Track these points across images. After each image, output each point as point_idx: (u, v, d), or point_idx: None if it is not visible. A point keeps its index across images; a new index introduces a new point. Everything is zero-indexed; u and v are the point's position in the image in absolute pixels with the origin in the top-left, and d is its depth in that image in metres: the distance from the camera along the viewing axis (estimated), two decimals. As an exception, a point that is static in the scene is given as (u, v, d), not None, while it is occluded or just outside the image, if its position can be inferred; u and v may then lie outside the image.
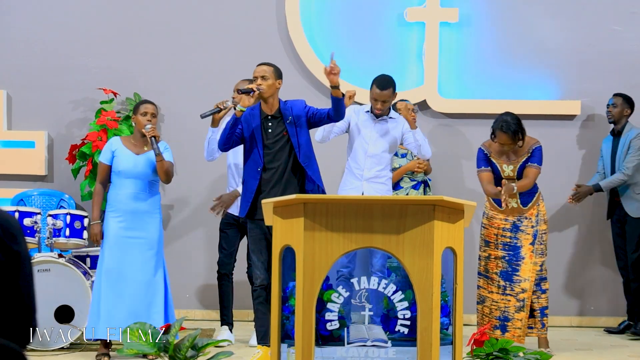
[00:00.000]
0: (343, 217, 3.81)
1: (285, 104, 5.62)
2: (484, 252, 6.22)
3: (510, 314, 6.10)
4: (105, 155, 5.84)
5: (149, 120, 5.79)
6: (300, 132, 5.54)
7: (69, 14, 7.59)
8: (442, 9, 7.47)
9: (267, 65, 5.60)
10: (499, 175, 6.18)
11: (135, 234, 5.74)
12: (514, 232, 6.13)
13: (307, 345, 3.75)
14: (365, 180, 6.12)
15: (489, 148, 6.23)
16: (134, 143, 5.87)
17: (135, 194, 5.77)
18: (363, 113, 6.26)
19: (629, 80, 7.45)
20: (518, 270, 6.09)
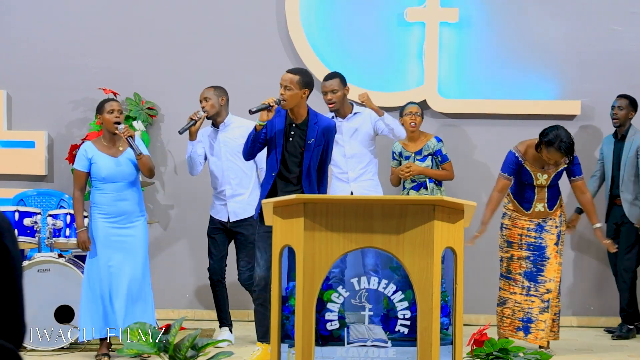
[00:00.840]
0: (343, 217, 3.81)
1: (314, 120, 5.44)
2: (506, 253, 6.14)
3: (534, 316, 6.03)
4: (82, 163, 5.77)
5: (117, 117, 5.71)
6: (313, 155, 5.40)
7: (69, 14, 7.58)
8: (442, 9, 7.47)
9: (292, 74, 5.38)
10: (532, 182, 6.09)
11: (125, 233, 5.74)
12: (539, 232, 6.08)
13: (307, 345, 3.75)
14: (352, 181, 6.08)
15: (523, 155, 6.08)
16: (108, 145, 5.79)
17: (121, 195, 5.74)
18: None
19: (629, 80, 7.45)
20: (543, 271, 6.03)
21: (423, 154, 6.78)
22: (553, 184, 6.13)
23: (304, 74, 5.44)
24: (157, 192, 7.64)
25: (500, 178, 6.16)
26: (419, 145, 6.78)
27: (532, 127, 7.01)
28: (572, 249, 7.57)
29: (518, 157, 6.09)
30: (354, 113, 6.19)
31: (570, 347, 6.47)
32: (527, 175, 6.10)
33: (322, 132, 5.41)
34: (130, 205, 5.76)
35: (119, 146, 5.77)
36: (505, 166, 6.13)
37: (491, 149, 7.37)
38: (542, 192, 6.13)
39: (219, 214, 6.42)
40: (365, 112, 6.20)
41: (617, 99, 7.02)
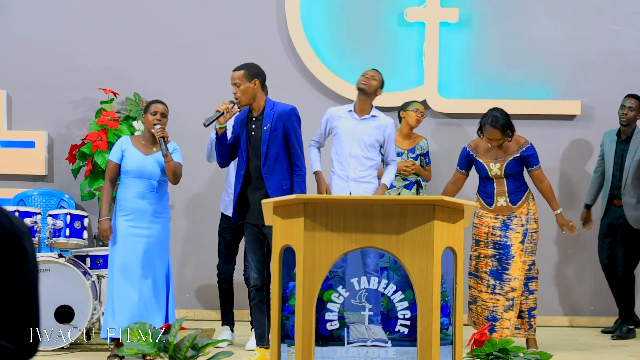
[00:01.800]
0: (343, 217, 3.81)
1: (270, 107, 5.45)
2: (474, 252, 6.22)
3: (498, 314, 6.06)
4: (115, 154, 5.84)
5: (159, 120, 5.77)
6: (272, 142, 5.37)
7: (69, 14, 7.59)
8: (442, 9, 7.48)
9: (237, 71, 5.46)
10: (487, 174, 6.19)
11: (143, 233, 5.74)
12: (504, 230, 6.12)
13: (307, 345, 3.75)
14: (352, 180, 6.06)
15: (474, 148, 6.26)
16: (144, 143, 5.86)
17: (143, 193, 5.76)
18: (345, 113, 6.10)
19: (629, 80, 7.45)
20: (508, 269, 6.06)
21: (416, 152, 6.83)
22: (510, 174, 6.15)
23: (249, 66, 5.48)
24: (157, 192, 7.64)
25: (455, 171, 6.38)
26: (411, 143, 6.86)
27: (532, 127, 7.02)
28: (572, 249, 7.58)
29: (469, 151, 6.27)
30: (371, 115, 6.10)
31: (570, 347, 6.47)
32: (481, 168, 6.23)
33: (278, 117, 5.39)
34: (150, 205, 5.76)
35: (154, 147, 5.82)
36: (458, 161, 6.36)
37: (491, 149, 7.37)
38: (501, 184, 6.17)
39: (228, 209, 6.34)
40: (382, 118, 6.12)
41: (628, 98, 6.92)
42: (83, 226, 6.28)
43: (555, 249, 7.53)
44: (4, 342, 1.88)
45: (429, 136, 7.33)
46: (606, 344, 6.69)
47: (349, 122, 6.05)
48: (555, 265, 7.57)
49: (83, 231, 6.27)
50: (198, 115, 7.21)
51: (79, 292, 5.99)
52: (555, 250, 7.54)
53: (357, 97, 6.12)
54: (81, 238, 6.26)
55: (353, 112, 6.06)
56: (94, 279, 6.24)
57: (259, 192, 5.36)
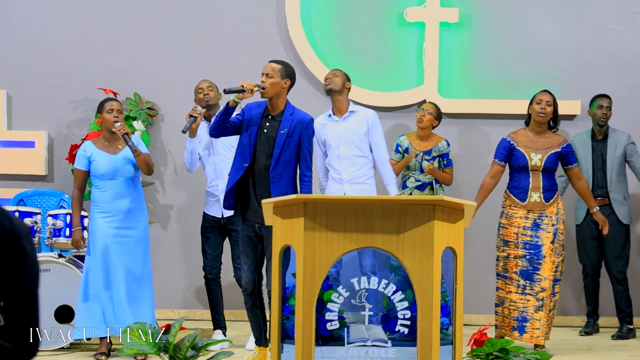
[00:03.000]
0: (343, 217, 3.80)
1: (291, 112, 5.37)
2: (503, 252, 6.15)
3: (529, 314, 6.03)
4: (81, 162, 5.81)
5: (116, 117, 5.73)
6: (286, 147, 5.31)
7: (69, 14, 7.59)
8: (442, 9, 7.47)
9: (275, 63, 5.37)
10: (526, 164, 6.14)
11: (124, 233, 5.74)
12: (535, 230, 6.09)
13: (307, 345, 3.75)
14: (346, 182, 6.05)
15: (515, 139, 6.22)
16: (107, 144, 5.83)
17: (120, 193, 5.76)
18: (326, 119, 6.14)
19: (629, 80, 7.45)
20: (539, 269, 6.04)
21: (432, 154, 6.80)
22: (548, 168, 6.15)
23: (287, 66, 5.41)
24: (157, 192, 7.64)
25: (493, 164, 6.28)
26: (428, 145, 6.82)
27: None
28: (571, 249, 7.57)
29: (509, 141, 6.22)
30: (349, 112, 6.14)
31: (570, 347, 6.47)
32: (520, 158, 6.16)
33: (296, 124, 5.32)
34: (129, 203, 5.77)
35: (118, 144, 5.80)
36: (497, 152, 6.26)
37: (491, 149, 7.36)
38: (537, 178, 6.15)
39: (212, 210, 6.38)
40: (360, 112, 6.16)
41: (602, 98, 6.97)
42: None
43: (555, 249, 7.53)
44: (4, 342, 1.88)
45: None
46: (606, 344, 6.69)
47: (331, 126, 6.12)
48: (555, 265, 7.57)
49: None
50: (198, 115, 7.22)
51: (79, 292, 5.99)
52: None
53: (331, 100, 6.19)
54: (81, 238, 6.26)
55: (332, 115, 6.12)
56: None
57: (263, 191, 5.29)
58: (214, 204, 6.37)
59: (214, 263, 6.43)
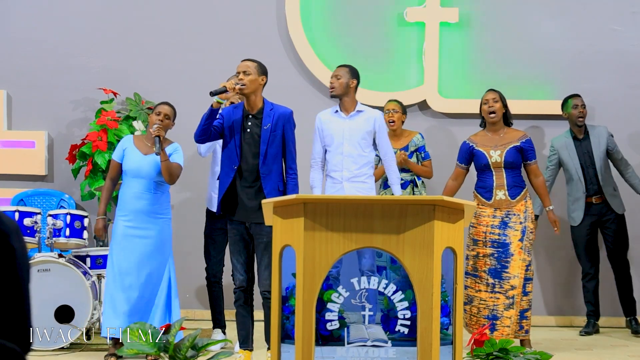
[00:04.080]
0: (343, 217, 3.80)
1: (270, 107, 5.47)
2: (472, 251, 6.21)
3: (499, 312, 6.06)
4: (117, 153, 5.88)
5: (160, 120, 5.79)
6: (271, 142, 5.41)
7: (68, 14, 7.59)
8: (442, 9, 7.48)
9: (250, 61, 5.48)
10: (487, 162, 6.22)
11: (140, 233, 5.75)
12: (503, 228, 6.13)
13: (307, 345, 3.75)
14: (346, 180, 6.05)
15: (474, 140, 6.32)
16: (145, 143, 5.89)
17: (139, 193, 5.77)
18: (331, 115, 6.10)
19: (629, 80, 7.45)
20: (507, 267, 6.07)
21: (409, 150, 6.80)
22: (509, 163, 6.17)
23: (261, 63, 5.53)
24: (157, 192, 7.64)
25: (455, 167, 6.41)
26: (404, 142, 6.81)
27: (532, 127, 7.01)
28: (571, 249, 7.57)
29: (468, 144, 6.34)
30: (357, 111, 6.10)
31: (570, 347, 6.47)
32: (481, 157, 6.25)
33: (278, 118, 5.44)
34: (148, 205, 5.76)
35: (154, 147, 5.81)
36: (459, 155, 6.40)
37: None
38: (500, 176, 6.19)
39: (214, 206, 6.25)
40: (368, 112, 6.14)
41: (575, 98, 7.02)
42: (83, 226, 6.28)
43: (554, 250, 7.52)
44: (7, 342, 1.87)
45: (428, 136, 7.33)
46: (606, 344, 6.69)
47: (337, 122, 6.06)
48: (554, 265, 7.57)
49: (83, 231, 6.27)
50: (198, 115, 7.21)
51: (79, 292, 5.99)
52: (555, 251, 7.53)
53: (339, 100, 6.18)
54: (81, 238, 6.27)
55: (339, 112, 6.07)
56: (94, 279, 6.24)
57: (251, 190, 5.37)
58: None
59: (218, 266, 6.41)
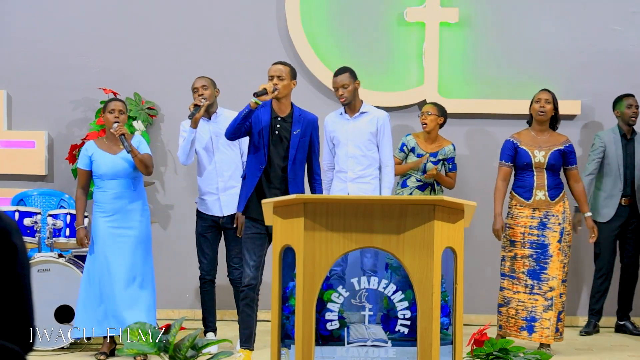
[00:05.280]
0: (343, 217, 3.80)
1: (299, 113, 5.55)
2: (509, 252, 6.14)
3: (537, 314, 6.02)
4: (83, 161, 5.85)
5: (117, 117, 5.76)
6: (300, 147, 5.50)
7: (68, 14, 7.59)
8: (442, 9, 7.48)
9: (283, 65, 5.52)
10: (530, 161, 6.17)
11: (124, 232, 5.76)
12: (541, 229, 6.09)
13: (307, 345, 3.75)
14: (350, 181, 6.06)
15: (518, 138, 6.26)
16: (108, 144, 5.87)
17: (120, 192, 5.78)
18: (337, 116, 6.17)
19: (629, 80, 7.45)
20: (546, 269, 6.03)
21: (438, 157, 6.76)
22: (552, 165, 6.15)
23: (292, 67, 5.60)
24: (157, 192, 7.64)
25: (500, 167, 6.30)
26: (435, 147, 6.75)
27: (532, 127, 6.99)
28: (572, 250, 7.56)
29: (513, 141, 6.26)
30: (361, 112, 6.14)
31: (570, 347, 6.47)
32: (524, 155, 6.19)
33: (307, 125, 5.52)
34: (129, 203, 5.78)
35: (120, 145, 5.81)
36: (503, 154, 6.30)
37: (491, 149, 7.37)
38: (541, 177, 6.16)
39: (211, 210, 6.26)
40: (372, 112, 6.16)
41: (629, 98, 6.99)
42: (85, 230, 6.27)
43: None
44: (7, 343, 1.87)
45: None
46: (606, 344, 6.69)
47: (342, 124, 6.15)
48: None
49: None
50: (198, 115, 7.21)
51: (79, 292, 5.98)
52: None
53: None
54: (81, 238, 6.26)
55: (344, 113, 6.14)
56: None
57: (278, 192, 5.43)
58: (214, 202, 6.25)
59: (212, 264, 6.37)
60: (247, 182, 5.53)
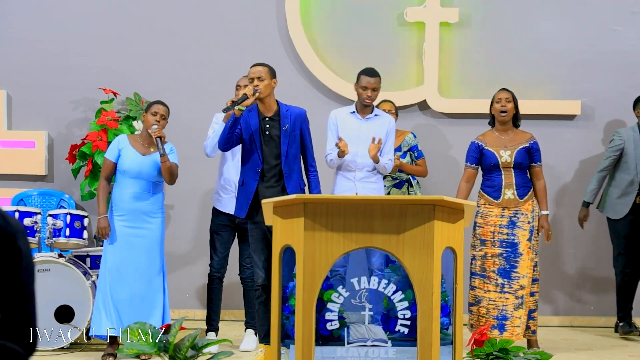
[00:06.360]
0: (343, 217, 3.81)
1: (286, 109, 5.62)
2: (480, 251, 6.17)
3: (508, 312, 6.04)
4: (112, 153, 5.85)
5: (157, 121, 5.80)
6: (291, 142, 5.57)
7: (69, 14, 7.59)
8: (442, 9, 7.48)
9: (261, 66, 5.60)
10: (496, 162, 6.18)
11: (138, 233, 5.76)
12: (511, 228, 6.11)
13: (307, 345, 3.75)
14: (358, 180, 6.07)
15: (483, 139, 6.27)
16: (141, 143, 5.88)
17: (139, 193, 5.78)
18: (348, 114, 6.14)
19: (629, 80, 7.45)
20: (516, 267, 6.05)
21: (402, 150, 6.77)
22: (519, 164, 6.15)
23: (270, 66, 5.65)
24: (157, 192, 7.63)
25: (465, 168, 6.32)
26: (397, 142, 6.75)
27: (532, 127, 7.00)
28: (572, 249, 7.57)
29: (478, 143, 6.27)
30: (374, 114, 6.17)
31: (570, 347, 6.47)
32: (490, 156, 6.20)
33: (295, 119, 5.60)
34: (148, 205, 5.78)
35: (151, 147, 5.83)
36: (468, 156, 6.31)
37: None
38: (509, 175, 6.17)
39: (227, 207, 6.25)
40: (383, 115, 6.18)
41: None
42: (83, 226, 6.28)
43: (555, 249, 7.52)
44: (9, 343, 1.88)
45: (428, 135, 7.33)
46: (606, 344, 6.69)
47: (353, 122, 6.13)
48: (555, 265, 7.57)
49: (83, 231, 6.27)
50: (198, 115, 7.21)
51: (79, 292, 5.99)
52: (555, 251, 7.54)
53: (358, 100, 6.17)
54: (81, 238, 6.27)
55: (356, 113, 6.13)
56: (94, 279, 6.24)
57: (273, 190, 5.50)
58: (229, 200, 6.22)
59: (223, 262, 6.36)
60: (245, 187, 5.58)
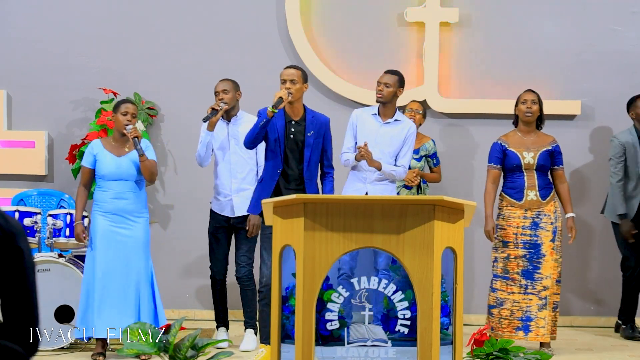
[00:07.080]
0: (343, 217, 3.81)
1: (312, 115, 5.69)
2: (502, 253, 6.13)
3: (532, 314, 6.02)
4: (88, 159, 5.85)
5: (129, 121, 5.77)
6: (314, 149, 5.66)
7: (68, 14, 7.59)
8: (442, 9, 7.47)
9: (295, 69, 5.67)
10: (519, 163, 6.17)
11: (123, 233, 5.75)
12: (534, 229, 6.09)
13: (307, 345, 3.75)
14: (370, 182, 6.06)
15: (506, 140, 6.26)
16: (115, 145, 5.86)
17: (121, 194, 5.78)
18: (369, 116, 6.11)
19: (629, 80, 7.45)
20: (539, 268, 6.03)
21: (420, 154, 6.78)
22: (541, 166, 6.15)
23: (303, 70, 5.74)
24: (157, 192, 7.64)
25: (489, 170, 6.29)
26: (416, 145, 6.74)
27: (532, 127, 7.00)
28: (572, 249, 7.57)
29: (501, 144, 6.26)
30: (395, 120, 6.10)
31: (570, 347, 6.47)
32: (513, 157, 6.19)
33: (320, 127, 5.67)
34: (130, 204, 5.78)
35: (126, 147, 5.82)
36: (491, 157, 6.29)
37: (491, 149, 7.36)
38: (531, 176, 6.16)
39: (223, 210, 6.31)
40: (404, 121, 6.12)
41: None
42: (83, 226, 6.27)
43: (555, 249, 7.52)
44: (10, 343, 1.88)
45: (428, 136, 7.33)
46: (606, 344, 6.69)
47: (372, 125, 6.06)
48: (555, 265, 7.57)
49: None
50: (198, 115, 7.20)
51: (79, 292, 5.98)
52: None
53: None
54: (81, 238, 6.26)
55: (377, 115, 6.08)
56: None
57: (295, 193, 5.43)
58: (226, 203, 6.30)
59: (223, 264, 6.40)
60: (264, 184, 5.66)
